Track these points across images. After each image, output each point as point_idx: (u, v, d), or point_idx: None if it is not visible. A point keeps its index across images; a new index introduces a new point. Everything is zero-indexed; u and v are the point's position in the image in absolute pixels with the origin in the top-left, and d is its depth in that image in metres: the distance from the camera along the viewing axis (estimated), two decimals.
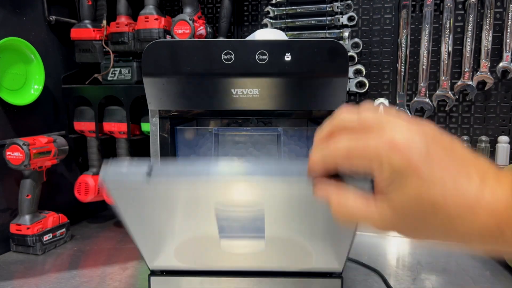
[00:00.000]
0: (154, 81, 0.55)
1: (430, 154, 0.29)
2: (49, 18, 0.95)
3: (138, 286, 0.71)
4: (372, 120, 0.31)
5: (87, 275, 0.75)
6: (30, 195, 0.84)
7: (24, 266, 0.79)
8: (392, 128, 0.30)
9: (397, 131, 0.30)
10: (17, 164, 0.81)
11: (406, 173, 0.29)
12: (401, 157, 0.29)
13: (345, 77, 0.54)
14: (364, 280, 0.73)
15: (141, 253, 0.54)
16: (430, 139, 0.30)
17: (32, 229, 0.83)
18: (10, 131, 0.86)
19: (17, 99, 0.85)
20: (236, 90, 0.56)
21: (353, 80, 0.97)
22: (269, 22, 1.02)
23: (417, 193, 0.29)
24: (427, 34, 0.91)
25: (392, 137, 0.29)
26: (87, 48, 0.96)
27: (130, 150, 0.99)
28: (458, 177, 0.29)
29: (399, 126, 0.30)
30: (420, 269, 0.78)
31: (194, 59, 0.54)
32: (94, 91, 0.94)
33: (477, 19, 0.88)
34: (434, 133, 0.30)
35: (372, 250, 0.89)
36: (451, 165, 0.29)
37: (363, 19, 0.96)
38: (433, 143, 0.30)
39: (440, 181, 0.29)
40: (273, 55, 0.53)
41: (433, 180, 0.29)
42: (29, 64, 0.88)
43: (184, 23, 0.89)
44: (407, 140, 0.29)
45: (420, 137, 0.29)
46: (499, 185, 0.29)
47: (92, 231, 1.00)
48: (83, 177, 0.98)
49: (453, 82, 0.91)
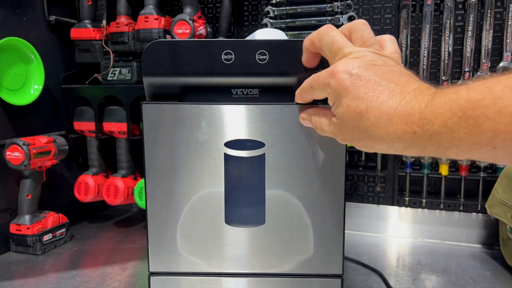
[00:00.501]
0: (154, 81, 0.55)
1: (360, 78, 0.40)
2: (49, 18, 0.95)
3: (138, 286, 0.71)
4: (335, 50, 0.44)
5: (87, 275, 0.75)
6: (30, 195, 0.84)
7: (24, 266, 0.79)
8: (339, 61, 0.42)
9: (341, 62, 0.42)
10: (17, 164, 0.81)
11: (340, 93, 0.41)
12: (336, 81, 0.41)
13: None
14: (364, 280, 0.73)
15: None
16: (365, 66, 0.40)
17: (32, 229, 0.83)
18: (10, 131, 0.86)
19: (17, 99, 0.85)
20: (236, 90, 0.56)
21: None
22: (269, 22, 1.01)
23: (348, 106, 0.40)
24: (427, 34, 0.90)
25: (334, 67, 0.42)
26: (87, 48, 0.96)
27: (130, 150, 0.99)
28: (381, 94, 0.39)
29: (346, 58, 0.42)
30: (420, 269, 0.78)
31: (194, 59, 0.54)
32: (94, 91, 0.94)
33: (477, 19, 0.88)
34: (374, 62, 0.41)
35: (372, 250, 0.89)
36: (377, 86, 0.39)
37: (363, 19, 0.96)
38: (366, 69, 0.40)
39: (365, 97, 0.39)
40: (273, 55, 0.53)
41: (359, 97, 0.39)
42: (29, 64, 0.88)
43: (184, 23, 0.89)
44: (343, 68, 0.41)
45: (355, 65, 0.40)
46: (416, 98, 0.37)
47: (92, 231, 1.00)
48: (83, 177, 0.98)
49: (453, 82, 0.91)
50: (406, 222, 0.97)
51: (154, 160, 0.56)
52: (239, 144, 0.55)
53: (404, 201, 0.97)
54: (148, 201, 0.57)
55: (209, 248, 0.57)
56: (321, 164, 0.55)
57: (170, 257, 0.58)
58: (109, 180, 0.97)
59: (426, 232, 0.95)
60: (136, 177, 1.00)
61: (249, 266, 0.58)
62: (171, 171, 0.56)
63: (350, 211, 0.99)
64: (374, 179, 1.00)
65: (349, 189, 1.01)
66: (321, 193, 0.56)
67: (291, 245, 0.57)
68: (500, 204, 0.79)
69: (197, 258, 0.58)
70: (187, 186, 0.56)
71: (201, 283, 0.58)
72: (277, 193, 0.56)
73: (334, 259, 0.57)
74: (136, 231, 0.99)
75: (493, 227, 0.89)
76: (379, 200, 0.99)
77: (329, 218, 0.56)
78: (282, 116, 0.54)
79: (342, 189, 0.56)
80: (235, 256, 0.58)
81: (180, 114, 0.55)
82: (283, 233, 0.57)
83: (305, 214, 0.56)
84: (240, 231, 0.57)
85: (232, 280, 0.58)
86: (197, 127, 0.55)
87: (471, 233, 0.92)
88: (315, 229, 0.56)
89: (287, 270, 0.57)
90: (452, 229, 0.93)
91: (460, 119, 0.34)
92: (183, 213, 0.57)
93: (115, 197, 0.95)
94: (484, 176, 0.90)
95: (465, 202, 0.92)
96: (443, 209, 0.94)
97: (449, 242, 0.93)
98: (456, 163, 0.92)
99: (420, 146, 0.37)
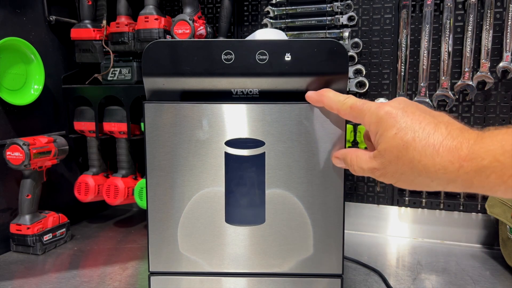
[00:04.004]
0: (154, 81, 0.55)
1: (406, 111, 0.41)
2: (49, 18, 0.95)
3: (138, 286, 0.71)
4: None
5: (87, 275, 0.75)
6: (30, 195, 0.84)
7: (24, 266, 0.79)
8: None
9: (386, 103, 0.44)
10: (17, 164, 0.81)
11: (387, 122, 0.41)
12: (385, 111, 0.42)
13: (345, 77, 0.54)
14: (364, 280, 0.73)
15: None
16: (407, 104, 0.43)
17: (32, 229, 0.83)
18: (10, 131, 0.86)
19: (17, 99, 0.85)
20: (236, 90, 0.56)
21: (353, 80, 0.97)
22: (269, 22, 1.02)
23: (394, 135, 0.41)
24: (427, 34, 0.90)
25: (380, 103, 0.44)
26: (87, 48, 0.96)
27: (130, 150, 0.99)
28: (427, 126, 0.40)
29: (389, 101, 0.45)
30: (420, 269, 0.78)
31: (194, 59, 0.54)
32: (94, 91, 0.94)
33: (477, 19, 0.88)
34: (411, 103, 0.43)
35: (372, 250, 0.89)
36: (423, 119, 0.40)
37: (363, 19, 0.96)
38: (409, 106, 0.42)
39: (412, 128, 0.40)
40: (273, 55, 0.54)
41: (406, 127, 0.40)
42: (29, 64, 0.88)
43: (184, 23, 0.89)
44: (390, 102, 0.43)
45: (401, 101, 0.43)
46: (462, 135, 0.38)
47: (92, 231, 1.00)
48: (83, 177, 0.98)
49: (453, 82, 0.91)
50: (406, 222, 0.97)
51: (155, 159, 0.56)
52: (240, 143, 0.55)
53: (404, 201, 0.97)
54: (149, 200, 0.57)
55: (209, 247, 0.57)
56: (321, 163, 0.55)
57: (170, 256, 0.58)
58: (109, 180, 0.97)
59: (426, 232, 0.95)
60: (136, 177, 1.00)
61: (249, 265, 0.58)
62: (172, 169, 0.56)
63: (350, 211, 0.99)
64: (374, 179, 1.00)
65: (349, 189, 1.01)
66: (321, 193, 0.56)
67: (291, 244, 0.57)
68: (500, 204, 0.79)
69: (197, 257, 0.58)
70: (188, 185, 0.56)
71: (201, 283, 0.58)
72: (277, 192, 0.56)
73: (334, 258, 0.57)
74: (136, 231, 0.99)
75: (493, 227, 0.89)
76: (379, 200, 0.99)
77: (329, 217, 0.56)
78: (282, 115, 0.54)
79: (342, 189, 0.56)
80: (235, 256, 0.58)
81: (181, 113, 0.55)
82: (283, 233, 0.57)
83: (305, 213, 0.56)
84: (240, 230, 0.57)
85: (232, 280, 0.58)
86: (198, 126, 0.55)
87: (471, 233, 0.92)
88: (315, 229, 0.56)
89: (287, 270, 0.58)
90: (452, 229, 0.93)
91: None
92: (184, 212, 0.57)
93: (115, 197, 0.95)
94: None
95: (465, 202, 0.92)
96: (443, 209, 0.94)
97: (449, 242, 0.93)
98: None
99: (466, 180, 0.37)
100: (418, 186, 0.41)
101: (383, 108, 0.43)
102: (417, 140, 0.39)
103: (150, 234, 0.58)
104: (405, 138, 0.40)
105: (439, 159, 0.38)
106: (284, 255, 0.57)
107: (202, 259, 0.58)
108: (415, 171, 0.40)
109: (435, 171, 0.38)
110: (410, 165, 0.40)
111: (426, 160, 0.39)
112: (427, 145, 0.39)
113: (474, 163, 0.36)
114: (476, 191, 0.38)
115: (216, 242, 0.57)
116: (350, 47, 0.96)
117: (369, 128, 0.45)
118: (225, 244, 0.57)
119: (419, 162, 0.39)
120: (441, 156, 0.38)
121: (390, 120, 0.41)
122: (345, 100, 0.48)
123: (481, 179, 0.36)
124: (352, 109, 0.47)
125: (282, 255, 0.57)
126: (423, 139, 0.39)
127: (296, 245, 0.57)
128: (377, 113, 0.43)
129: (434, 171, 0.38)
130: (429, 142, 0.39)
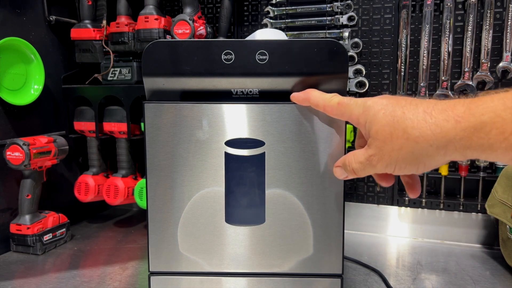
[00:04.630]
0: (154, 81, 0.56)
1: (390, 98, 0.43)
2: (49, 18, 0.95)
3: (138, 286, 0.71)
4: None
5: (87, 275, 0.75)
6: (30, 195, 0.84)
7: (24, 266, 0.79)
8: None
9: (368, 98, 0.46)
10: (17, 164, 0.81)
11: (375, 108, 0.43)
12: (371, 101, 0.44)
13: (345, 77, 0.54)
14: (364, 280, 0.73)
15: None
16: (390, 96, 0.44)
17: (32, 229, 0.83)
18: (10, 131, 0.86)
19: (17, 99, 0.85)
20: (236, 90, 0.56)
21: (353, 80, 0.97)
22: (269, 22, 1.02)
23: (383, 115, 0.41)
24: (427, 34, 0.90)
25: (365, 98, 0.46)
26: (87, 48, 0.96)
27: (130, 150, 0.99)
28: (414, 101, 0.41)
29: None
30: (420, 269, 0.78)
31: (194, 59, 0.54)
32: (94, 91, 0.94)
33: (477, 19, 0.88)
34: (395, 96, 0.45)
35: (372, 250, 0.89)
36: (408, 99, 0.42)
37: (363, 19, 0.96)
38: (393, 97, 0.43)
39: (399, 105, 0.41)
40: (273, 55, 0.54)
41: (394, 107, 0.41)
42: (29, 64, 0.88)
43: (184, 23, 0.89)
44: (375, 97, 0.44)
45: (383, 95, 0.44)
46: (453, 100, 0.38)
47: (92, 231, 1.00)
48: (83, 177, 0.98)
49: (453, 82, 0.91)
50: (406, 222, 0.97)
51: (155, 159, 0.56)
52: (240, 143, 0.55)
53: (404, 201, 0.97)
54: (149, 199, 0.57)
55: (209, 247, 0.57)
56: (321, 163, 0.55)
57: (171, 256, 0.58)
58: (109, 180, 0.97)
59: (426, 232, 0.95)
60: (136, 177, 1.00)
61: (249, 265, 0.58)
62: (172, 169, 0.56)
63: (350, 211, 0.99)
64: (374, 179, 1.00)
65: (349, 189, 1.01)
66: (321, 193, 0.56)
67: (291, 244, 0.57)
68: (500, 204, 0.79)
69: (197, 257, 0.58)
70: (188, 185, 0.56)
71: (201, 283, 0.58)
72: (277, 192, 0.56)
73: (334, 258, 0.57)
74: (136, 231, 0.99)
75: (492, 227, 0.89)
76: (379, 200, 0.99)
77: (329, 217, 0.56)
78: (282, 115, 0.54)
79: (342, 189, 0.56)
80: (235, 255, 0.58)
81: (181, 113, 0.55)
82: (283, 232, 0.57)
83: (305, 213, 0.56)
84: (240, 230, 0.57)
85: (232, 280, 0.58)
86: (198, 126, 0.55)
87: (471, 233, 0.92)
88: (315, 229, 0.56)
89: (287, 270, 0.58)
90: (452, 229, 0.93)
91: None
92: (184, 212, 0.57)
93: (115, 197, 0.96)
94: (484, 176, 0.90)
95: (464, 202, 0.92)
96: (443, 209, 0.94)
97: (449, 242, 0.93)
98: (456, 163, 0.92)
99: (465, 138, 0.36)
100: (419, 158, 0.39)
101: (369, 99, 0.44)
102: (406, 112, 0.40)
103: (150, 234, 0.58)
104: (394, 113, 0.40)
105: (433, 120, 0.38)
106: (284, 255, 0.57)
107: (202, 259, 0.58)
108: (411, 140, 0.39)
109: (432, 132, 0.38)
110: (405, 135, 0.39)
111: (420, 124, 0.38)
112: (417, 112, 0.39)
113: (473, 119, 0.35)
114: (475, 154, 0.36)
115: (216, 242, 0.57)
116: (350, 47, 0.96)
117: (357, 121, 0.45)
118: (225, 244, 0.57)
119: (413, 128, 0.39)
120: (434, 117, 0.38)
121: (377, 106, 0.42)
122: (331, 97, 0.49)
123: (481, 135, 0.35)
124: (339, 105, 0.47)
125: (282, 255, 0.57)
126: (412, 109, 0.39)
127: (296, 245, 0.57)
128: (364, 104, 0.44)
129: (431, 133, 0.38)
130: (419, 110, 0.39)
